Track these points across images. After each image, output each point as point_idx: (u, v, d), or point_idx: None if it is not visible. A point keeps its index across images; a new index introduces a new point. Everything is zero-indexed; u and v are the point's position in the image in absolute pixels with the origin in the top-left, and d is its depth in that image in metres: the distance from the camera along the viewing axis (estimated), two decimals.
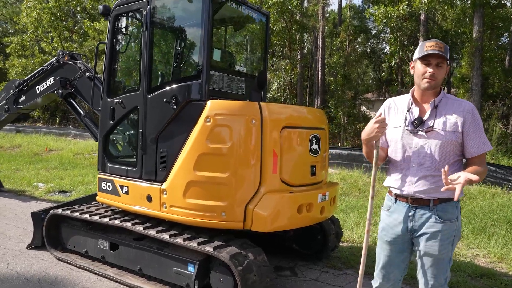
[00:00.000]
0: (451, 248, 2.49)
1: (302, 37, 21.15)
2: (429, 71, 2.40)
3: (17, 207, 7.37)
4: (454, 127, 2.41)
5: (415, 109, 2.53)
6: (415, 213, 2.51)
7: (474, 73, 13.66)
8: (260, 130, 3.68)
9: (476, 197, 7.97)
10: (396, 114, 2.61)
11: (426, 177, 2.44)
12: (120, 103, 4.37)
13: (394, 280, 2.71)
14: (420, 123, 2.47)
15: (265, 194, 3.67)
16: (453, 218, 2.47)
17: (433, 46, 2.38)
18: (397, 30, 15.74)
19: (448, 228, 2.45)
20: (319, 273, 4.63)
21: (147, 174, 4.13)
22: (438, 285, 2.50)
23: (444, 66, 2.43)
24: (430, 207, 2.46)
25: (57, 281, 4.22)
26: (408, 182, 2.51)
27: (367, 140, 2.53)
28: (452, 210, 2.47)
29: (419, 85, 2.50)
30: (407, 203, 2.54)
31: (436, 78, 2.41)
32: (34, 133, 21.47)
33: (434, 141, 2.43)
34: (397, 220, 2.59)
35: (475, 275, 4.55)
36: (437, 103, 2.47)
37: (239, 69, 4.81)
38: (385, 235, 2.66)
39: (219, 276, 3.60)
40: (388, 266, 2.68)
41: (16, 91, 7.09)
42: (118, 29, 4.60)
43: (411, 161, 2.50)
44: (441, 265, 2.48)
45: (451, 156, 2.44)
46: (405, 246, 2.62)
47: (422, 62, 2.43)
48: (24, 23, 26.51)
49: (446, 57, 2.38)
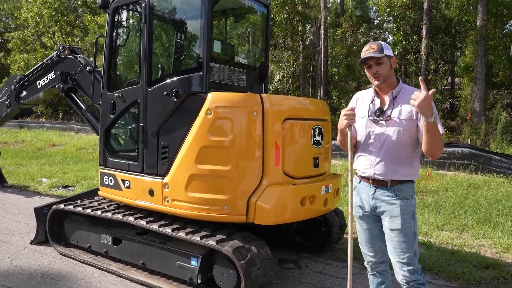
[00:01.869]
0: (413, 222, 2.74)
1: (304, 28, 20.97)
2: (373, 71, 2.75)
3: (21, 203, 7.39)
4: (410, 115, 2.68)
5: (377, 100, 2.85)
6: (375, 192, 2.81)
7: (478, 61, 13.50)
8: (262, 122, 3.64)
9: (481, 187, 7.92)
10: (362, 106, 2.92)
11: (384, 161, 2.74)
12: (121, 97, 4.33)
13: (380, 251, 2.95)
14: (381, 113, 2.78)
15: (268, 187, 3.64)
16: (409, 196, 2.75)
17: (367, 50, 2.74)
18: (400, 20, 15.56)
19: (405, 204, 2.73)
20: (323, 265, 4.60)
21: (148, 168, 4.10)
22: (409, 259, 2.70)
23: (384, 60, 2.73)
24: (388, 187, 2.76)
25: (61, 276, 4.22)
26: (369, 165, 2.81)
27: (340, 129, 2.81)
28: (407, 189, 2.75)
29: (373, 84, 2.82)
30: (369, 184, 2.84)
31: (381, 74, 2.74)
32: (37, 128, 21.53)
33: (392, 129, 2.72)
34: (363, 198, 2.90)
35: (481, 265, 4.51)
36: (395, 95, 2.77)
37: (240, 61, 4.75)
38: (357, 211, 2.97)
39: (222, 269, 3.58)
40: (370, 238, 2.96)
41: (17, 86, 7.07)
42: (117, 22, 4.55)
43: (372, 147, 2.81)
44: (407, 239, 2.70)
45: (407, 142, 2.71)
46: (377, 218, 2.89)
47: (366, 67, 2.80)
48: (25, 18, 26.49)
49: (381, 54, 2.68)
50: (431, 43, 15.42)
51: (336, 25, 23.50)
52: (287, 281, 4.16)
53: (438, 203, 7.06)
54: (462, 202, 7.01)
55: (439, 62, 15.52)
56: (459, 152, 9.35)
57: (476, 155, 9.19)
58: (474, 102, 13.42)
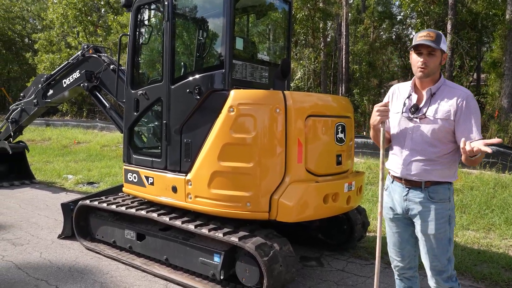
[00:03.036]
0: (449, 228, 2.58)
1: (326, 25, 20.78)
2: (421, 60, 2.52)
3: (48, 198, 7.59)
4: (447, 114, 2.51)
5: (414, 96, 2.66)
6: (408, 193, 2.65)
7: (507, 57, 13.10)
8: (285, 119, 3.63)
9: (509, 186, 7.69)
10: (397, 100, 2.75)
11: (418, 161, 2.58)
12: (144, 95, 4.39)
13: (409, 256, 2.80)
14: (416, 110, 2.61)
15: (290, 184, 3.63)
16: (445, 199, 2.58)
17: (424, 36, 2.49)
18: (424, 15, 15.24)
19: (441, 207, 2.56)
20: (345, 263, 4.57)
21: (172, 165, 4.15)
22: (442, 265, 2.57)
23: (437, 54, 2.52)
24: (422, 189, 2.59)
25: (87, 270, 4.32)
26: (402, 165, 2.65)
27: (372, 125, 2.68)
28: (444, 191, 2.58)
29: (415, 74, 2.61)
30: (402, 184, 2.68)
31: (428, 67, 2.52)
32: (63, 126, 22.05)
33: (427, 127, 2.55)
34: (395, 199, 2.74)
35: (509, 266, 4.39)
36: (434, 91, 2.58)
37: (262, 58, 4.75)
38: (387, 213, 2.81)
39: (245, 266, 3.60)
40: (399, 243, 2.80)
41: (44, 85, 7.26)
42: (140, 20, 4.61)
43: (405, 145, 2.64)
44: (441, 245, 2.56)
45: (443, 142, 2.54)
46: (409, 222, 2.73)
47: (415, 52, 2.56)
48: (51, 19, 27.15)
49: (437, 46, 2.46)
50: (456, 39, 15.05)
51: (358, 22, 23.21)
52: (309, 279, 4.14)
53: (463, 202, 6.90)
54: (488, 201, 6.82)
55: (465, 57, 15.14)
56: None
57: (503, 153, 8.93)
58: (502, 98, 13.03)
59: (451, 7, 15.26)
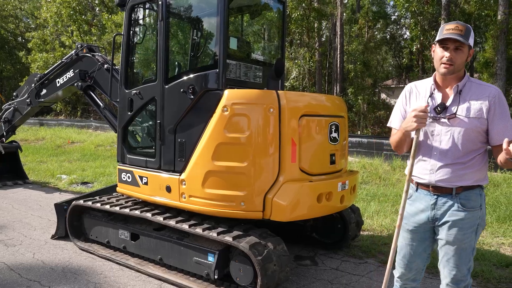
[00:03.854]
0: (475, 237, 2.42)
1: (320, 25, 20.84)
2: (446, 55, 2.31)
3: (42, 198, 7.55)
4: (479, 113, 2.31)
5: (438, 94, 2.44)
6: (437, 201, 2.44)
7: (499, 57, 13.22)
8: (278, 119, 3.64)
9: (501, 184, 7.77)
10: (417, 100, 2.52)
11: (448, 165, 2.36)
12: (138, 94, 4.38)
13: (416, 269, 2.64)
14: (443, 109, 2.38)
15: (284, 183, 3.64)
16: (477, 206, 2.39)
17: (453, 29, 2.27)
18: (418, 15, 15.33)
19: (471, 216, 2.38)
20: (340, 262, 4.59)
21: (166, 165, 4.14)
22: (461, 275, 2.43)
23: (465, 49, 2.31)
24: (453, 195, 2.39)
25: (81, 271, 4.30)
26: (429, 171, 2.44)
27: (405, 130, 2.40)
28: (475, 198, 2.39)
29: (438, 70, 2.41)
30: (429, 191, 2.47)
31: (454, 63, 2.31)
32: (56, 126, 21.96)
33: (458, 129, 2.34)
34: (419, 208, 2.52)
35: (500, 264, 4.43)
36: (461, 88, 2.37)
37: (256, 58, 4.76)
38: (406, 223, 2.60)
39: (239, 265, 3.60)
40: (410, 256, 2.62)
41: (37, 84, 7.22)
42: (134, 20, 4.59)
43: (432, 149, 2.42)
44: (464, 255, 2.41)
45: (475, 143, 2.35)
46: (426, 235, 2.56)
47: (441, 46, 2.35)
48: (45, 17, 26.99)
49: (466, 41, 2.26)
50: None
51: (353, 21, 23.30)
52: (303, 278, 4.16)
53: None
54: None
55: None
56: None
57: None
58: None
59: (444, 7, 15.36)
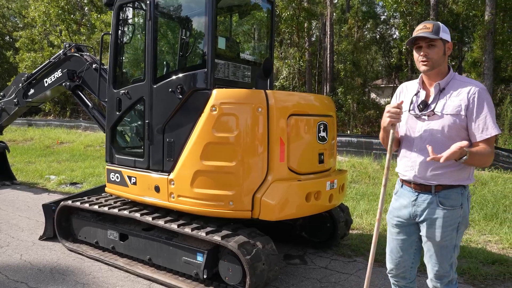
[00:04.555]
0: (456, 235, 2.44)
1: (310, 24, 20.90)
2: (421, 54, 2.40)
3: (30, 199, 7.47)
4: (458, 110, 2.35)
5: (422, 92, 2.51)
6: (417, 198, 2.49)
7: (486, 56, 13.39)
8: (267, 118, 3.65)
9: (488, 183, 7.87)
10: (405, 99, 2.60)
11: (428, 162, 2.37)
12: (126, 94, 4.36)
13: (405, 266, 2.67)
14: (425, 107, 2.45)
15: (273, 183, 3.65)
16: (457, 205, 2.41)
17: (421, 29, 2.38)
18: (406, 15, 15.46)
19: (451, 215, 2.41)
20: (329, 261, 4.62)
21: (154, 165, 4.13)
22: (444, 271, 2.49)
23: (438, 44, 2.37)
24: (432, 193, 2.43)
25: (69, 271, 4.27)
26: (410, 167, 2.50)
27: (383, 126, 2.52)
28: (456, 197, 2.41)
29: (420, 70, 2.48)
30: (411, 188, 2.53)
31: (431, 59, 2.37)
32: (45, 126, 21.73)
33: (436, 126, 2.39)
34: (402, 204, 2.59)
35: (487, 261, 4.50)
36: (443, 86, 2.42)
37: (245, 57, 4.76)
38: (392, 218, 2.67)
39: (227, 265, 3.61)
40: (396, 251, 2.67)
41: (25, 84, 7.14)
42: (122, 19, 4.57)
43: (413, 146, 2.49)
44: (445, 252, 2.45)
45: (455, 141, 2.31)
46: (411, 230, 2.60)
47: (415, 48, 2.44)
48: (33, 16, 26.65)
49: (435, 36, 2.33)
50: None
51: (342, 21, 23.41)
52: (293, 277, 4.18)
53: None
54: None
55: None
56: None
57: None
58: None
59: (433, 7, 15.52)
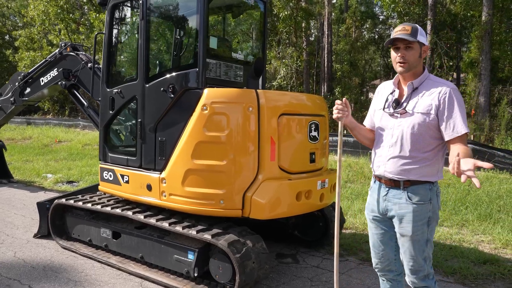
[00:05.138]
0: (427, 229, 2.51)
1: (308, 24, 20.92)
2: (399, 55, 2.48)
3: (26, 198, 7.50)
4: (428, 108, 2.43)
5: (396, 91, 2.61)
6: (388, 193, 2.59)
7: (483, 57, 13.41)
8: (257, 118, 3.67)
9: (483, 183, 7.90)
10: (382, 97, 2.71)
11: (396, 158, 2.50)
12: (119, 93, 4.39)
13: (388, 259, 2.75)
14: (398, 105, 2.56)
15: (263, 182, 3.67)
16: (426, 200, 2.48)
17: (399, 30, 2.46)
18: (404, 15, 15.48)
19: (420, 210, 2.48)
20: (321, 260, 4.64)
21: (146, 163, 4.15)
22: (418, 266, 2.55)
23: (415, 46, 2.45)
24: (401, 188, 2.51)
25: (62, 269, 4.30)
26: (381, 163, 2.60)
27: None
28: (424, 192, 2.48)
29: (396, 70, 2.56)
30: (382, 184, 2.63)
31: (408, 61, 2.46)
32: (44, 125, 21.76)
33: (407, 123, 2.48)
34: (375, 199, 2.69)
35: (478, 261, 4.51)
36: (416, 85, 2.52)
37: (237, 57, 4.78)
38: (368, 213, 2.78)
39: (218, 263, 3.63)
40: (378, 244, 2.76)
41: (21, 83, 7.17)
42: (116, 19, 4.59)
43: (385, 142, 2.60)
44: (417, 246, 2.52)
45: (425, 139, 2.45)
46: (388, 224, 2.68)
47: (393, 48, 2.51)
48: (32, 16, 26.67)
49: (413, 39, 2.41)
50: (435, 39, 15.32)
51: (340, 21, 23.44)
52: (284, 275, 4.20)
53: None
54: (463, 198, 6.99)
55: (444, 58, 15.42)
56: None
57: (479, 151, 9.16)
58: (479, 97, 13.34)
59: (430, 8, 15.55)
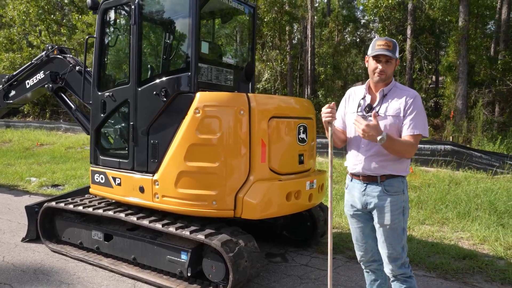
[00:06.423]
0: (402, 218, 2.80)
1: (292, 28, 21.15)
2: (380, 67, 2.75)
3: (10, 202, 7.42)
4: (397, 112, 2.74)
5: (368, 97, 2.89)
6: (366, 188, 2.85)
7: (460, 61, 13.84)
8: (249, 121, 3.79)
9: (462, 183, 8.17)
10: (353, 102, 2.96)
11: (373, 156, 2.78)
12: (111, 97, 4.43)
13: (372, 250, 3.00)
14: (370, 109, 2.82)
15: (255, 183, 3.79)
16: (400, 191, 2.79)
17: (383, 45, 2.71)
18: (385, 20, 15.85)
19: (396, 200, 2.78)
20: (309, 258, 4.77)
21: (139, 166, 4.21)
22: (396, 253, 2.80)
23: (393, 61, 2.77)
24: (379, 182, 2.80)
25: (53, 272, 4.31)
26: (359, 162, 2.85)
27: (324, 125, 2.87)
28: (398, 184, 2.80)
29: (371, 78, 2.84)
30: (360, 180, 2.88)
31: (386, 73, 2.76)
32: (24, 128, 21.32)
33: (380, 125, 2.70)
34: (354, 196, 2.93)
35: (458, 256, 4.73)
36: (386, 92, 2.81)
37: (227, 61, 4.89)
38: (348, 210, 3.02)
39: (211, 262, 3.72)
40: (361, 238, 3.01)
41: (5, 86, 7.09)
42: (107, 23, 4.64)
43: (361, 143, 2.84)
44: (395, 235, 2.79)
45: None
46: (367, 217, 2.93)
47: (374, 59, 2.77)
48: (11, 16, 26.12)
49: (394, 56, 2.72)
50: (415, 43, 15.73)
51: (323, 25, 23.74)
52: (274, 274, 4.31)
53: (421, 199, 7.29)
54: (443, 198, 7.24)
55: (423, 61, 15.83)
56: (441, 149, 9.63)
57: (457, 152, 9.47)
58: (457, 100, 13.75)
59: (410, 13, 15.96)
